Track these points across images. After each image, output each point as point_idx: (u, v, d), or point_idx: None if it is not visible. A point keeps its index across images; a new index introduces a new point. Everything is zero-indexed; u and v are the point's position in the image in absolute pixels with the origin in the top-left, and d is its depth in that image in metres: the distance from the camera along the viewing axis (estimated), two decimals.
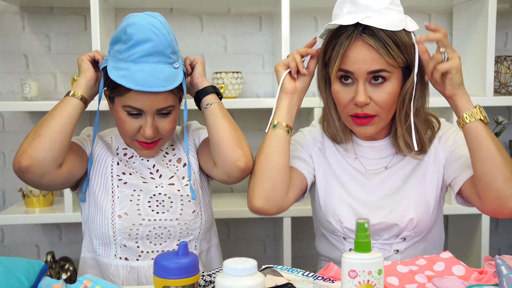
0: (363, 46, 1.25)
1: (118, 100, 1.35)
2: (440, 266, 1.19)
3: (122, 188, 1.41)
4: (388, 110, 1.30)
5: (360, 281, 0.94)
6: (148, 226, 1.39)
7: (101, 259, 1.41)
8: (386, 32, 1.24)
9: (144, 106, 1.32)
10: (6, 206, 2.30)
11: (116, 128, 1.49)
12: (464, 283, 1.09)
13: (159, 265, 0.96)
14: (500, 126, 2.26)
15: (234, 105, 2.05)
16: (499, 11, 2.28)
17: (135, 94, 1.31)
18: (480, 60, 2.10)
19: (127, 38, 1.30)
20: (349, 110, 1.31)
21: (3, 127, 2.29)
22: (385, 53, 1.24)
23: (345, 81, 1.29)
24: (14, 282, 1.09)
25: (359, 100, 1.26)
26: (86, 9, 2.23)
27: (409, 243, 1.39)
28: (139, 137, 1.37)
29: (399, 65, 1.27)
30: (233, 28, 2.31)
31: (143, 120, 1.35)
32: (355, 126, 1.33)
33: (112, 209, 1.39)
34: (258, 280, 0.87)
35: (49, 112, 1.34)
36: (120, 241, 1.39)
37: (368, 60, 1.24)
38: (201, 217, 1.45)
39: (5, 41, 2.24)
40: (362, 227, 0.96)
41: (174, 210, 1.42)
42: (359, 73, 1.26)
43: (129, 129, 1.36)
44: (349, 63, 1.26)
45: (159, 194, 1.42)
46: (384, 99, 1.27)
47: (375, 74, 1.26)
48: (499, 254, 2.30)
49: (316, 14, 2.33)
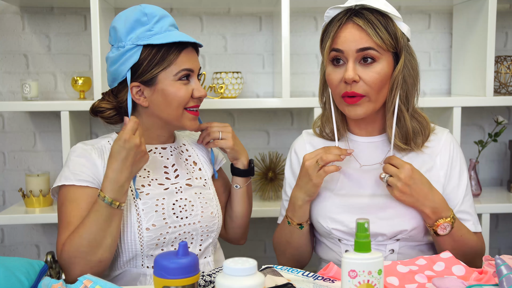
0: (353, 26, 1.33)
1: (166, 74, 1.38)
2: (440, 266, 1.19)
3: (145, 199, 1.38)
4: (377, 91, 1.34)
5: (360, 281, 0.94)
6: (173, 233, 1.39)
7: (129, 270, 1.39)
8: (376, 16, 1.32)
9: (194, 66, 1.42)
10: (6, 206, 2.30)
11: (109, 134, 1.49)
12: (464, 283, 1.09)
13: (159, 265, 0.96)
14: (500, 126, 2.26)
15: (234, 105, 2.05)
16: (499, 11, 2.28)
17: (185, 55, 1.39)
18: (480, 60, 2.10)
19: (149, 17, 1.38)
20: (340, 90, 1.36)
21: (3, 127, 2.29)
22: (373, 33, 1.31)
23: (337, 63, 1.36)
24: (14, 282, 1.09)
25: (347, 77, 1.31)
26: (86, 9, 2.23)
27: (404, 243, 1.39)
28: (190, 103, 1.42)
29: (388, 47, 1.33)
30: (233, 28, 2.31)
31: (190, 85, 1.42)
32: (346, 106, 1.37)
33: (138, 223, 1.36)
34: (258, 280, 0.87)
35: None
36: (147, 252, 1.37)
37: (357, 38, 1.32)
38: (218, 218, 1.49)
39: (5, 41, 2.24)
40: (362, 227, 0.96)
41: (195, 213, 1.44)
42: (348, 51, 1.32)
43: (185, 95, 1.40)
44: (340, 43, 1.33)
45: (180, 199, 1.43)
46: (373, 78, 1.32)
47: (364, 53, 1.32)
48: (499, 254, 2.30)
49: (316, 14, 2.33)
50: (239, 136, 2.34)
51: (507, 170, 2.42)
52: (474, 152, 2.37)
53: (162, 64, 1.37)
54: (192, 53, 1.43)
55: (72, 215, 1.32)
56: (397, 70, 1.34)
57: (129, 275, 1.39)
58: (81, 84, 2.14)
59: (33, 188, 2.06)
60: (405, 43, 1.36)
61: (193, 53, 1.44)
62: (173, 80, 1.38)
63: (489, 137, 2.25)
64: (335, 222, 1.39)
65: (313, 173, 1.34)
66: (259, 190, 2.21)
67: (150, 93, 1.39)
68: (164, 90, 1.38)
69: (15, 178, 2.30)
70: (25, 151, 2.29)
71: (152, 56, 1.37)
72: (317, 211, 1.42)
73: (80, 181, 1.34)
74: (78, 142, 1.46)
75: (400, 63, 1.34)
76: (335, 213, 1.39)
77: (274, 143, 2.37)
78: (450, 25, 2.36)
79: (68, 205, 1.34)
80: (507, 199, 2.18)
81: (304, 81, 2.35)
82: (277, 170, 2.20)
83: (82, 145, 1.41)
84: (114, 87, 1.45)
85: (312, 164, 1.34)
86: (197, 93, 1.42)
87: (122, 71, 1.38)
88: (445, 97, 2.15)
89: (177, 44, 1.39)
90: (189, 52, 1.41)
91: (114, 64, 1.40)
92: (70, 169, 1.36)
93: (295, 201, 1.40)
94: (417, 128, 1.41)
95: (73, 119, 2.02)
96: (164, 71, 1.37)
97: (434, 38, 2.37)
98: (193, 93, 1.41)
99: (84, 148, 1.40)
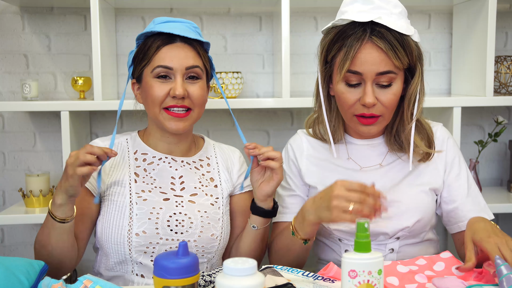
0: (372, 48, 1.26)
1: (147, 70, 1.37)
2: (440, 266, 1.19)
3: (142, 205, 1.36)
4: (391, 110, 1.33)
5: (360, 281, 0.94)
6: (164, 245, 1.36)
7: (122, 276, 1.38)
8: (394, 35, 1.26)
9: (175, 63, 1.34)
10: (6, 206, 2.30)
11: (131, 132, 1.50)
12: (464, 283, 1.09)
13: (159, 265, 0.96)
14: (500, 126, 2.26)
15: (234, 105, 2.05)
16: (499, 11, 2.28)
17: (167, 51, 1.35)
18: (480, 60, 2.10)
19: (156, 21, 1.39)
20: (355, 110, 1.32)
21: (3, 127, 2.28)
22: (393, 56, 1.25)
23: (352, 83, 1.30)
24: (14, 282, 1.09)
25: (368, 101, 1.27)
26: (86, 9, 2.23)
27: (403, 241, 1.39)
28: (168, 102, 1.35)
29: (404, 67, 1.29)
30: (233, 28, 2.31)
31: (169, 83, 1.36)
32: (360, 125, 1.33)
33: (129, 226, 1.34)
34: (258, 280, 0.87)
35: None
36: (136, 258, 1.35)
37: (377, 61, 1.26)
38: (219, 242, 1.42)
39: (5, 41, 2.24)
40: (362, 227, 0.96)
41: (193, 231, 1.38)
42: (367, 74, 1.27)
43: (158, 93, 1.35)
44: (358, 64, 1.27)
45: (179, 213, 1.38)
46: (390, 100, 1.30)
47: (383, 77, 1.27)
48: None
49: (316, 14, 2.32)
50: (239, 136, 2.34)
51: (507, 170, 2.42)
52: (474, 152, 2.37)
53: (144, 59, 1.38)
54: (178, 50, 1.36)
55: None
56: (414, 85, 1.32)
57: (122, 281, 1.39)
58: (81, 84, 2.14)
59: (33, 188, 2.06)
60: (420, 55, 1.32)
61: (182, 50, 1.36)
62: (151, 77, 1.37)
63: (489, 137, 2.25)
64: (336, 223, 1.39)
65: (337, 211, 1.18)
66: None
67: (140, 90, 1.43)
68: (144, 87, 1.39)
69: (15, 178, 2.30)
70: (25, 151, 2.29)
71: (138, 52, 1.40)
72: None
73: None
74: (78, 142, 1.47)
75: (417, 79, 1.32)
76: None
77: (274, 143, 2.37)
78: (450, 25, 2.36)
79: None
80: (507, 199, 2.18)
81: (304, 81, 2.34)
82: None
83: (99, 141, 1.44)
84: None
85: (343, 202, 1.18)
86: (172, 91, 1.35)
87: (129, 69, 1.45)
88: (445, 97, 2.14)
89: (159, 40, 1.37)
90: (174, 48, 1.36)
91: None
92: None
93: (304, 215, 1.29)
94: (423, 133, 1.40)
95: (73, 119, 2.02)
96: (146, 67, 1.38)
97: (434, 38, 2.37)
98: (171, 91, 1.35)
99: (100, 144, 1.43)
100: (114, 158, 1.41)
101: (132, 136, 1.48)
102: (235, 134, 2.33)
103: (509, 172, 2.36)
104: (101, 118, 2.28)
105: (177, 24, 1.39)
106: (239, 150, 1.61)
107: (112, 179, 1.40)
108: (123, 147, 1.45)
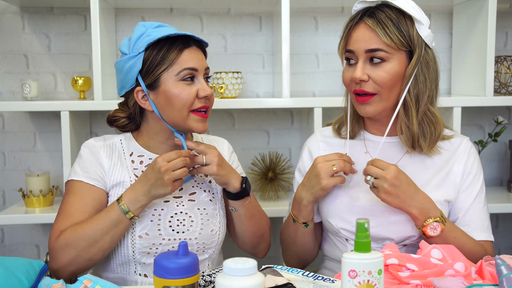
0: (364, 27, 1.34)
1: (168, 74, 1.35)
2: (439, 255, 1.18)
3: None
4: (388, 89, 1.34)
5: (360, 281, 0.94)
6: (167, 245, 1.38)
7: (123, 277, 1.39)
8: (388, 14, 1.31)
9: (198, 64, 1.37)
10: (6, 206, 2.30)
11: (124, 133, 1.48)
12: (464, 283, 1.09)
13: (159, 265, 0.96)
14: (500, 126, 2.26)
15: (234, 105, 2.05)
16: (499, 11, 2.28)
17: (188, 54, 1.35)
18: (480, 60, 2.10)
19: (148, 26, 1.38)
20: (351, 88, 1.38)
21: (3, 127, 2.28)
22: (382, 33, 1.31)
23: (350, 63, 1.38)
24: (14, 282, 1.09)
25: (355, 76, 1.33)
26: (86, 9, 2.23)
27: (410, 248, 1.38)
28: (197, 104, 1.36)
29: (398, 46, 1.32)
30: (233, 28, 2.31)
31: (195, 85, 1.37)
32: (358, 104, 1.38)
33: (132, 229, 1.36)
34: (258, 280, 0.87)
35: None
36: (139, 259, 1.37)
37: (367, 39, 1.33)
38: (218, 236, 1.45)
39: (5, 41, 2.24)
40: (362, 227, 0.96)
41: (194, 229, 1.41)
42: (358, 51, 1.34)
43: (189, 95, 1.35)
44: (351, 43, 1.36)
45: (180, 213, 1.41)
46: (382, 77, 1.32)
47: (373, 54, 1.32)
48: (499, 254, 2.30)
49: (316, 14, 2.33)
50: (239, 136, 2.34)
51: (507, 170, 2.42)
52: None
53: (163, 64, 1.34)
54: (196, 52, 1.38)
55: (74, 206, 1.36)
56: (409, 68, 1.33)
57: (123, 282, 1.39)
58: (81, 84, 2.14)
59: (33, 188, 2.06)
60: (421, 43, 1.34)
61: (198, 52, 1.39)
62: (175, 80, 1.35)
63: (489, 137, 2.25)
64: (344, 222, 1.39)
65: (325, 177, 1.32)
66: (259, 190, 2.21)
67: (154, 96, 1.37)
68: (167, 92, 1.35)
69: (15, 178, 2.30)
70: (25, 151, 2.29)
71: (153, 57, 1.34)
72: (328, 210, 1.42)
73: (89, 178, 1.39)
74: (78, 142, 1.47)
75: (413, 61, 1.33)
76: (346, 212, 1.39)
77: (274, 143, 2.37)
78: (450, 25, 2.36)
79: (72, 196, 1.37)
80: (507, 199, 2.18)
81: (304, 81, 2.35)
82: (277, 170, 2.20)
83: (93, 142, 1.44)
84: (124, 95, 1.44)
85: (326, 167, 1.33)
86: (202, 92, 1.36)
87: (129, 79, 1.38)
88: (445, 97, 2.14)
89: (178, 43, 1.35)
90: (193, 51, 1.37)
91: (121, 73, 1.40)
92: (80, 165, 1.41)
93: (300, 201, 1.39)
94: (426, 130, 1.37)
95: (73, 119, 2.02)
96: (166, 72, 1.34)
97: (434, 38, 2.37)
98: (198, 92, 1.36)
99: (95, 145, 1.43)
100: (112, 159, 1.42)
101: (126, 137, 1.47)
102: (235, 134, 2.34)
103: (509, 172, 2.36)
104: (101, 118, 2.28)
105: (171, 28, 1.40)
106: (227, 141, 1.62)
107: (114, 180, 1.41)
108: (118, 148, 1.44)
